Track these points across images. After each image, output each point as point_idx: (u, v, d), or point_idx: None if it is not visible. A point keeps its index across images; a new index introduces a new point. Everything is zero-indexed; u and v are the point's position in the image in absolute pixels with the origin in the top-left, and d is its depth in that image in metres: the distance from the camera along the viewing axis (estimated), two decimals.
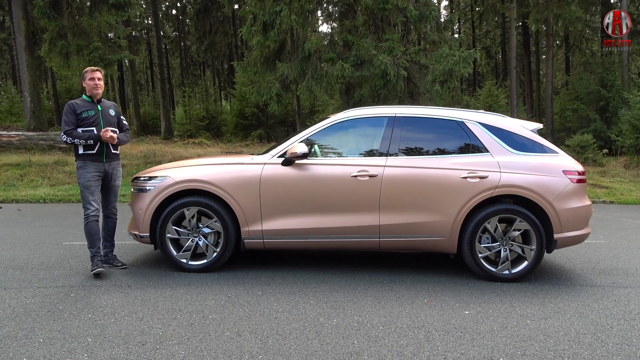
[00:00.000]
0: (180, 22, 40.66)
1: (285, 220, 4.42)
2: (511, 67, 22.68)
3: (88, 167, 4.40)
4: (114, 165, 4.59)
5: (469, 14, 38.67)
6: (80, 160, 4.44)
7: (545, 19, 23.69)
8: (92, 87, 4.44)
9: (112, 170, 4.57)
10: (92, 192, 4.39)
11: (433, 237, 4.39)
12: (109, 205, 4.66)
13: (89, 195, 4.38)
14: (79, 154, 4.44)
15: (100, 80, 4.46)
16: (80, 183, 4.43)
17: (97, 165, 4.43)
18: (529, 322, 3.37)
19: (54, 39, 15.72)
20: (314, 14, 14.76)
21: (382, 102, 14.80)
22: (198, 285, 4.09)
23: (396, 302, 3.76)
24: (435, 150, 4.57)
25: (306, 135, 4.61)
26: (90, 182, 4.39)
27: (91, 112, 4.43)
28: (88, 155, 4.41)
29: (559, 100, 26.04)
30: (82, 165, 4.42)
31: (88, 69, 4.53)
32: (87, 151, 4.40)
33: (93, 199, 4.39)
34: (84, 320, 3.26)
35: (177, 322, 3.26)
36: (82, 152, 4.41)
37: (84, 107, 4.43)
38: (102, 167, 4.46)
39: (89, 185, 4.39)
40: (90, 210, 4.37)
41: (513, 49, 22.60)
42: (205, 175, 4.47)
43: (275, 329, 3.15)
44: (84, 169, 4.40)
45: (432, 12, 13.92)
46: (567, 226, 4.37)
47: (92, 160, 4.41)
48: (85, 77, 4.47)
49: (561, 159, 4.52)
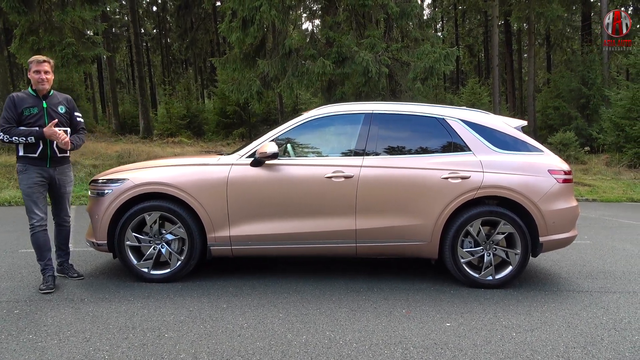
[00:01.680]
0: (160, 18, 39.90)
1: (255, 225, 4.11)
2: (494, 65, 22.65)
3: (29, 171, 3.83)
4: (61, 170, 4.00)
5: (452, 11, 38.66)
6: (21, 163, 3.85)
7: (527, 17, 23.71)
8: (37, 80, 3.81)
9: (59, 175, 3.98)
10: (35, 200, 3.84)
11: (413, 242, 4.12)
12: (61, 213, 4.13)
13: (31, 204, 3.83)
14: (19, 156, 3.85)
15: (47, 74, 3.83)
16: (22, 190, 3.87)
17: (40, 170, 3.86)
18: (515, 335, 3.12)
19: (24, 35, 15.08)
20: (295, 9, 14.39)
21: (364, 99, 14.52)
22: (158, 297, 3.76)
23: (372, 313, 3.47)
24: (415, 149, 4.30)
25: (278, 133, 4.30)
26: (33, 188, 3.83)
27: (33, 110, 3.80)
28: (29, 158, 3.81)
29: (540, 98, 26.12)
30: (22, 169, 3.84)
31: (34, 59, 3.86)
32: (29, 153, 3.80)
33: (37, 208, 3.85)
34: (22, 342, 2.91)
35: (128, 342, 2.92)
36: (22, 153, 3.82)
37: (26, 102, 3.80)
38: (46, 173, 3.89)
39: (31, 193, 3.83)
40: (35, 220, 3.85)
41: (495, 47, 22.56)
42: (167, 177, 4.13)
43: (237, 349, 2.84)
44: (25, 174, 3.83)
45: (414, 9, 13.70)
46: (553, 228, 4.13)
47: (34, 164, 3.83)
48: (30, 69, 3.81)
49: (547, 158, 4.28)
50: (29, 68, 3.84)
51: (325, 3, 15.18)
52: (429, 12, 41.45)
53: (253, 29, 13.89)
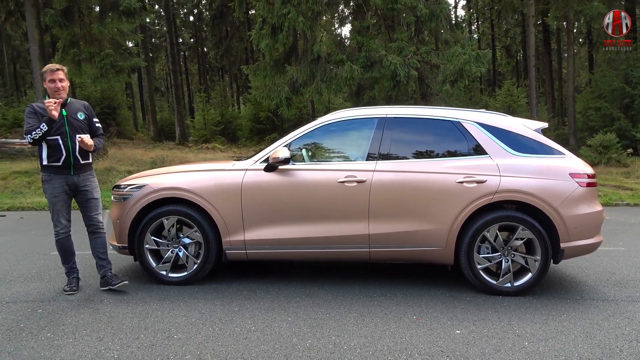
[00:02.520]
0: (197, 28, 40.97)
1: (269, 229, 4.15)
2: (530, 66, 21.99)
3: (54, 181, 3.88)
4: (84, 177, 4.02)
5: (488, 12, 37.88)
6: (45, 172, 3.91)
7: (566, 15, 22.91)
8: (53, 90, 3.82)
9: (82, 182, 3.99)
10: (59, 209, 3.92)
11: (427, 247, 4.06)
12: (92, 220, 4.08)
13: (56, 212, 3.92)
14: (43, 165, 3.90)
15: (62, 82, 3.84)
16: (47, 198, 3.94)
17: (64, 179, 3.90)
18: (527, 345, 3.02)
19: (66, 47, 15.84)
20: (323, 15, 14.47)
21: (393, 103, 14.43)
22: (173, 299, 3.85)
23: (382, 319, 3.44)
24: (429, 153, 4.24)
25: (291, 138, 4.34)
26: (57, 197, 3.89)
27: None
28: (53, 167, 3.86)
29: (581, 99, 25.15)
30: (47, 179, 3.90)
31: (47, 68, 3.87)
32: (53, 162, 3.85)
33: (62, 217, 3.94)
34: (40, 340, 3.05)
35: (138, 342, 3.01)
36: (46, 162, 3.87)
37: (46, 112, 3.74)
38: (70, 180, 3.93)
39: (56, 202, 3.90)
40: (59, 227, 3.96)
41: (532, 47, 21.90)
42: (184, 182, 4.23)
43: (242, 352, 2.87)
44: (50, 183, 3.89)
45: (443, 10, 13.51)
46: (575, 234, 3.98)
47: (58, 172, 3.88)
48: (45, 78, 3.83)
49: (568, 161, 4.13)
50: (44, 78, 3.86)
51: (354, 8, 15.20)
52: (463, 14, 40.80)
53: (282, 36, 14.06)
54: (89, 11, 15.92)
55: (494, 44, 42.50)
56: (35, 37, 16.22)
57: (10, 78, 41.55)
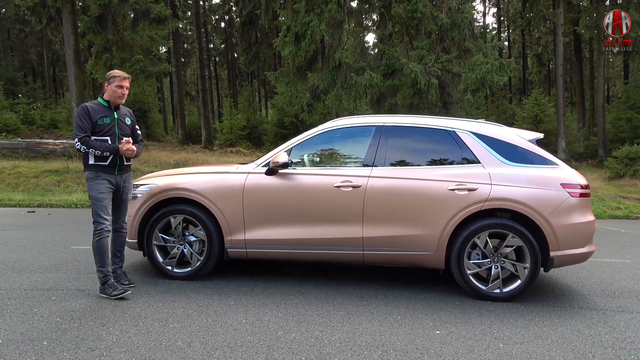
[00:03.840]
0: (227, 34, 41.90)
1: (268, 230, 4.37)
2: (558, 75, 21.66)
3: (100, 178, 4.02)
4: (125, 177, 4.23)
5: (519, 20, 37.37)
6: (91, 170, 4.03)
7: (597, 24, 22.48)
8: (118, 95, 4.05)
9: (124, 182, 4.20)
10: (105, 205, 4.01)
11: (419, 251, 4.20)
12: (119, 219, 4.24)
13: (101, 209, 3.99)
14: (89, 164, 4.03)
15: (127, 90, 4.12)
16: (92, 196, 4.02)
17: (109, 177, 4.06)
18: (501, 346, 3.13)
19: (99, 53, 16.60)
20: (345, 24, 14.70)
21: (414, 111, 14.52)
22: (176, 293, 4.11)
23: (367, 318, 3.61)
24: (424, 161, 4.38)
25: (293, 144, 4.56)
26: (103, 194, 4.01)
27: (106, 120, 4.03)
28: (100, 166, 4.02)
29: (612, 109, 24.61)
30: (93, 177, 4.02)
31: (119, 74, 4.09)
32: (99, 162, 4.01)
33: (106, 214, 4.01)
34: (50, 324, 3.34)
35: (136, 329, 3.27)
36: (93, 162, 4.01)
37: (100, 112, 4.00)
38: (114, 180, 4.09)
39: (102, 199, 4.00)
40: (104, 225, 3.99)
41: (560, 56, 21.59)
42: (190, 183, 4.51)
43: (228, 342, 3.09)
44: (96, 181, 4.01)
45: (465, 19, 13.55)
46: (565, 243, 4.06)
47: (104, 171, 4.03)
48: (112, 82, 4.03)
49: (560, 172, 4.21)
50: (110, 81, 4.05)
51: (377, 17, 15.38)
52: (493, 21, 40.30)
53: (305, 43, 14.38)
54: (122, 18, 16.62)
55: (524, 52, 41.89)
56: (71, 42, 17.04)
57: (49, 81, 43.44)
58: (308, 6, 14.45)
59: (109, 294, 3.94)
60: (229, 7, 38.90)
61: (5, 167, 12.42)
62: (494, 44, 15.73)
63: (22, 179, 11.83)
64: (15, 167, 12.35)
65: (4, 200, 10.23)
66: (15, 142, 14.50)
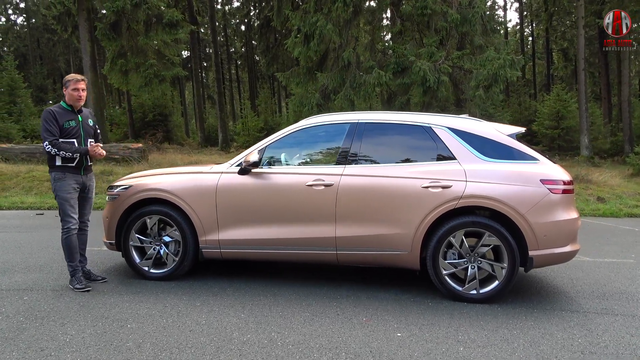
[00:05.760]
0: (247, 37, 42.24)
1: (241, 230, 4.33)
2: (579, 69, 20.97)
3: (67, 179, 4.20)
4: (90, 177, 4.43)
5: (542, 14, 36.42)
6: (59, 171, 4.21)
7: None
8: (75, 98, 4.21)
9: (88, 182, 4.40)
10: (72, 204, 4.21)
11: (393, 251, 4.08)
12: (83, 217, 4.43)
13: (69, 208, 4.18)
14: (56, 165, 4.21)
15: (84, 91, 4.26)
16: (60, 196, 4.20)
17: (75, 177, 4.25)
18: (461, 350, 3.00)
19: (114, 58, 16.96)
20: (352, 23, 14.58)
21: (426, 109, 14.27)
22: (147, 293, 4.11)
23: (331, 319, 3.52)
24: (399, 158, 4.26)
25: (267, 143, 4.51)
26: (71, 194, 4.20)
27: (72, 123, 4.22)
28: (67, 167, 4.20)
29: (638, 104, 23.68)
30: (60, 177, 4.20)
31: (72, 77, 4.28)
32: (67, 163, 4.20)
33: (74, 212, 4.21)
34: (10, 323, 3.37)
35: (93, 329, 3.27)
36: (60, 163, 4.19)
37: (65, 116, 4.19)
38: (80, 179, 4.29)
39: (69, 198, 4.20)
40: (72, 223, 4.19)
41: (581, 50, 20.90)
42: (165, 184, 4.50)
43: (179, 343, 3.06)
44: (64, 181, 4.19)
45: (475, 15, 13.24)
46: (544, 242, 3.87)
47: (71, 172, 4.22)
48: (68, 86, 4.22)
49: (540, 167, 4.02)
50: (67, 85, 4.23)
51: (384, 15, 15.22)
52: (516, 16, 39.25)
53: (314, 43, 14.34)
54: (135, 24, 16.93)
55: (548, 47, 40.79)
56: (87, 49, 17.45)
57: None
58: (316, 6, 14.41)
59: (73, 286, 4.21)
60: (248, 10, 39.21)
61: (21, 170, 12.77)
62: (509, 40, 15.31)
63: (36, 182, 12.15)
64: (30, 171, 12.68)
65: (17, 203, 10.51)
66: (33, 147, 14.90)
